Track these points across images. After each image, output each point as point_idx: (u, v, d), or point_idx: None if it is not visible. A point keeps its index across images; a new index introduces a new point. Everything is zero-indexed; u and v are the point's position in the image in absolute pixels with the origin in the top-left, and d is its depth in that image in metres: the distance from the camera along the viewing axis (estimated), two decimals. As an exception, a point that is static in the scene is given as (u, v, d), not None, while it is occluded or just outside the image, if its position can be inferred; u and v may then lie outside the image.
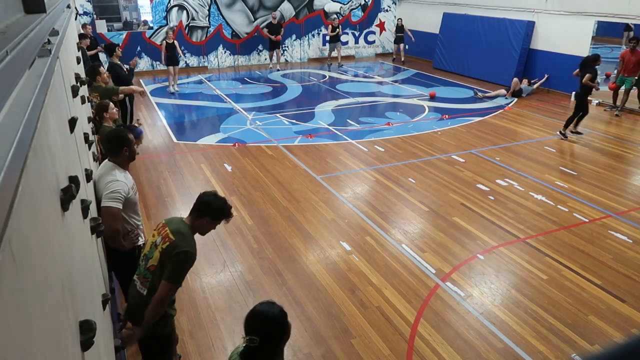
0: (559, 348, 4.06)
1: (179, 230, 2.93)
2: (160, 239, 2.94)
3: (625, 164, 8.22)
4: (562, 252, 5.46)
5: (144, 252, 3.06)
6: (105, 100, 5.37)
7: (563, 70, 12.58)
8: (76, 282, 1.64)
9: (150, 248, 2.99)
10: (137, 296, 2.98)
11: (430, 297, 4.71)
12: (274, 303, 2.26)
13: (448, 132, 9.74)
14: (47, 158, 1.45)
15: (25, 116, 0.99)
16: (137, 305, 2.97)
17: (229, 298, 4.76)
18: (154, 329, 2.93)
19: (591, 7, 11.59)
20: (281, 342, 2.20)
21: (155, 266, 2.90)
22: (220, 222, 3.02)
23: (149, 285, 2.93)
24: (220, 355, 4.02)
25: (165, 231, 2.95)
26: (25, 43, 1.27)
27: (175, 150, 8.81)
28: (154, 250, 2.95)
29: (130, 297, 3.09)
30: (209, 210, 2.96)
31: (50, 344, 1.07)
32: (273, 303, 2.26)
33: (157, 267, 2.89)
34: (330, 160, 8.22)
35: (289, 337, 2.23)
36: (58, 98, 2.17)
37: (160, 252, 2.89)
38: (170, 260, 2.85)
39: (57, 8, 2.91)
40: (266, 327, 2.14)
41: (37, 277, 1.04)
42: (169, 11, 15.41)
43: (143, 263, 3.02)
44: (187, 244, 2.89)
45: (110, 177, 3.36)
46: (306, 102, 12.29)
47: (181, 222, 3.01)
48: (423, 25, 17.13)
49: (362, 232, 5.92)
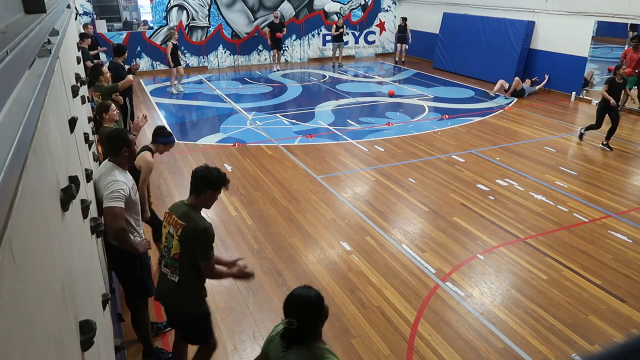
0: (559, 348, 4.06)
1: (185, 213, 3.05)
2: (172, 228, 3.08)
3: (625, 164, 8.22)
4: (562, 252, 5.46)
5: (164, 244, 3.21)
6: (107, 101, 5.37)
7: (563, 71, 12.59)
8: (76, 282, 1.64)
9: (167, 238, 3.14)
10: (170, 284, 3.16)
11: (430, 297, 4.71)
12: (311, 287, 2.33)
13: (448, 132, 9.74)
14: (47, 158, 1.45)
15: (25, 116, 0.99)
16: (171, 292, 3.18)
17: (229, 298, 4.76)
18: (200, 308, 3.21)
19: (591, 7, 11.59)
20: (318, 324, 2.27)
21: (179, 253, 3.06)
22: (221, 192, 3.12)
23: (178, 272, 3.11)
24: (220, 355, 4.02)
25: (173, 219, 3.08)
26: (25, 43, 1.27)
27: (175, 150, 8.80)
28: (171, 239, 3.09)
29: (163, 286, 3.25)
30: (208, 183, 3.05)
31: (50, 344, 1.07)
32: (310, 287, 2.33)
33: (181, 253, 3.06)
34: (330, 160, 8.22)
35: (327, 318, 2.31)
36: (58, 98, 2.17)
37: (177, 240, 3.04)
38: (193, 242, 3.01)
39: (57, 8, 2.91)
40: (303, 311, 2.22)
41: (37, 277, 1.04)
42: (169, 11, 15.41)
43: (166, 254, 3.17)
44: (199, 223, 3.02)
45: (110, 177, 3.36)
46: (306, 102, 12.30)
47: (183, 205, 3.12)
48: (423, 25, 17.13)
49: (362, 232, 5.92)
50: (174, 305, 3.26)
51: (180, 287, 3.12)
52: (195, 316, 3.25)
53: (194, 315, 3.25)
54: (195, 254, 3.04)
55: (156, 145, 4.57)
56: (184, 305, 3.22)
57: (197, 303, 3.21)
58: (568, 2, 12.14)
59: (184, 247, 3.03)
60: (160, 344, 4.12)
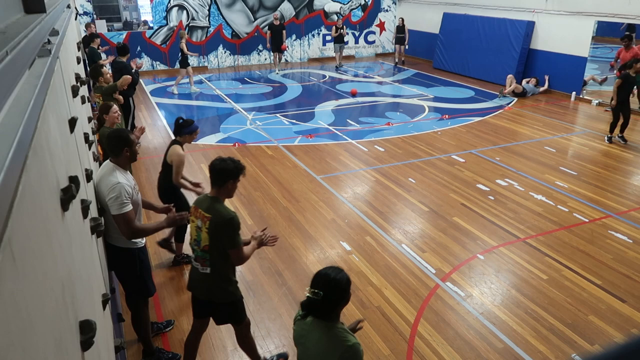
0: (559, 348, 4.06)
1: (211, 206, 3.20)
2: (200, 222, 3.23)
3: (625, 164, 8.22)
4: (562, 252, 5.46)
5: (193, 237, 3.33)
6: (109, 102, 5.36)
7: (563, 71, 12.58)
8: (76, 282, 1.64)
9: (196, 231, 3.28)
10: (202, 275, 3.32)
11: (430, 297, 4.71)
12: (342, 270, 2.43)
13: (448, 132, 9.74)
14: (47, 158, 1.45)
15: (25, 116, 0.99)
16: (203, 283, 3.34)
17: (229, 298, 4.76)
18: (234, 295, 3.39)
19: (591, 7, 11.59)
20: (341, 303, 2.38)
21: (209, 245, 3.21)
22: (239, 179, 3.27)
23: (209, 263, 3.26)
24: (220, 355, 4.02)
25: (200, 213, 3.23)
26: (25, 43, 1.27)
27: (175, 150, 8.80)
28: (200, 232, 3.24)
29: (195, 278, 3.40)
30: (227, 174, 3.19)
31: (50, 344, 1.07)
32: (341, 270, 2.43)
33: (210, 245, 3.21)
34: (330, 160, 8.22)
35: (348, 303, 2.42)
36: (58, 98, 2.17)
37: (206, 232, 3.18)
38: (220, 233, 3.16)
39: (57, 8, 2.91)
40: (328, 288, 2.32)
41: (37, 277, 1.04)
42: (169, 11, 15.42)
43: (196, 247, 3.30)
44: (224, 214, 3.16)
45: (112, 178, 3.36)
46: (306, 102, 12.30)
47: (207, 198, 3.27)
48: (423, 25, 17.13)
49: (362, 232, 5.92)
50: (209, 296, 3.38)
51: (213, 278, 3.28)
52: (231, 303, 3.42)
53: (229, 302, 3.41)
54: (223, 243, 3.18)
55: (183, 137, 4.79)
56: (219, 296, 3.36)
57: (231, 291, 3.37)
58: (568, 2, 12.14)
59: (213, 238, 3.18)
60: (160, 344, 4.12)
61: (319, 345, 2.37)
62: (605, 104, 11.52)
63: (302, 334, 2.46)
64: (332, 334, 2.35)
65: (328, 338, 2.36)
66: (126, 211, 3.34)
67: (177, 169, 4.72)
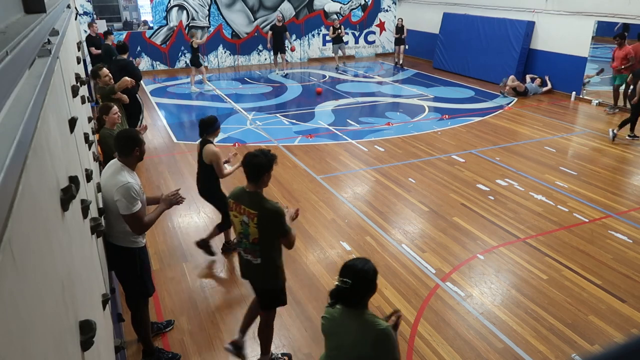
0: (559, 348, 4.06)
1: (254, 201, 3.32)
2: (246, 218, 3.34)
3: (625, 164, 8.22)
4: (562, 252, 5.46)
5: (239, 231, 3.44)
6: (109, 103, 5.34)
7: (563, 71, 12.58)
8: (76, 282, 1.64)
9: (242, 226, 3.39)
10: (254, 266, 3.48)
11: (430, 297, 4.71)
12: (369, 261, 2.54)
13: (448, 132, 9.74)
14: (47, 158, 1.44)
15: (25, 116, 0.99)
16: (257, 273, 3.53)
17: (229, 298, 4.76)
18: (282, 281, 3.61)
19: (591, 7, 11.59)
20: (368, 293, 2.51)
21: (258, 238, 3.35)
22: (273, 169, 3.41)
23: (260, 254, 3.42)
24: (220, 355, 4.02)
25: (243, 209, 3.35)
26: (25, 43, 1.27)
27: (175, 150, 8.81)
28: (247, 227, 3.36)
29: (247, 269, 3.58)
30: (263, 168, 3.32)
31: (50, 344, 1.07)
32: (369, 261, 2.54)
33: (260, 237, 3.35)
34: (330, 160, 8.22)
35: (374, 293, 2.54)
36: (58, 98, 2.17)
37: (255, 227, 3.32)
38: (270, 225, 3.31)
39: (57, 8, 2.91)
40: (358, 278, 2.43)
41: (37, 277, 1.04)
42: (169, 11, 15.42)
43: (245, 240, 3.43)
44: (269, 207, 3.30)
45: (120, 178, 3.36)
46: (306, 102, 12.30)
47: (246, 193, 3.37)
48: (423, 25, 17.13)
49: (362, 232, 5.92)
50: (262, 283, 3.60)
51: (264, 266, 3.46)
52: (273, 290, 3.62)
53: (277, 287, 3.62)
54: (275, 233, 3.36)
55: (211, 135, 5.00)
56: (271, 282, 3.57)
57: (280, 277, 3.58)
58: (568, 2, 12.14)
59: (263, 232, 3.32)
60: (160, 344, 4.12)
61: (351, 333, 2.49)
62: (606, 104, 11.54)
63: (332, 325, 2.57)
64: (363, 321, 2.47)
65: (360, 325, 2.47)
66: (137, 210, 3.38)
67: (219, 166, 4.94)
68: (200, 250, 5.35)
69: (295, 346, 4.09)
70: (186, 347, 4.10)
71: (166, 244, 5.70)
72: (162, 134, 9.75)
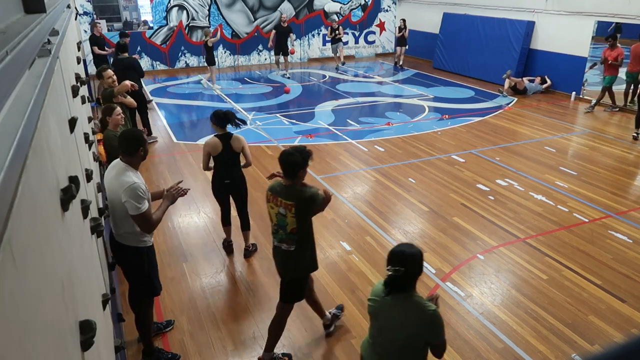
0: (559, 348, 4.06)
1: (293, 195, 3.48)
2: (283, 209, 3.50)
3: (625, 164, 8.22)
4: (562, 252, 5.46)
5: (275, 223, 3.60)
6: (112, 104, 5.33)
7: (563, 71, 12.58)
8: (76, 282, 1.64)
9: (278, 218, 3.56)
10: (287, 254, 3.63)
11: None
12: (413, 244, 2.67)
13: (448, 132, 9.74)
14: (47, 158, 1.45)
15: (25, 116, 0.99)
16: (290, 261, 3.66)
17: (229, 298, 4.76)
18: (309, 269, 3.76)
19: (591, 7, 11.59)
20: (417, 276, 2.63)
21: (296, 227, 3.52)
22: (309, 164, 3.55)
23: (296, 243, 3.58)
24: (220, 355, 4.02)
25: (281, 201, 3.50)
26: (25, 43, 1.27)
27: (175, 150, 8.81)
28: (285, 218, 3.51)
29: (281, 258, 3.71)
30: (298, 165, 3.46)
31: (50, 344, 1.07)
32: (412, 244, 2.67)
33: (298, 227, 3.52)
34: (330, 160, 8.22)
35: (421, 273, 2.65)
36: (58, 98, 2.17)
37: (292, 217, 3.48)
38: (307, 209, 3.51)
39: (57, 8, 2.91)
40: (409, 262, 2.55)
41: (37, 277, 1.04)
42: (169, 11, 15.42)
43: (281, 231, 3.58)
44: (304, 195, 3.48)
45: (126, 178, 3.36)
46: (306, 102, 12.30)
47: (284, 187, 3.52)
48: (423, 25, 17.13)
49: (362, 232, 5.92)
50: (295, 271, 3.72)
51: (298, 253, 3.60)
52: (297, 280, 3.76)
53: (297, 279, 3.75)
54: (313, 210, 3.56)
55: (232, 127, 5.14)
56: (302, 269, 3.72)
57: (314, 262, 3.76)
58: (568, 2, 12.14)
59: (300, 220, 3.49)
60: (160, 344, 4.12)
61: (400, 315, 2.61)
62: (606, 104, 11.53)
63: (380, 306, 2.67)
64: (412, 303, 2.60)
65: (408, 307, 2.60)
66: (145, 210, 3.38)
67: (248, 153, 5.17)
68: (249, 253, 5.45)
69: (295, 346, 4.09)
70: (186, 347, 4.10)
71: (166, 244, 5.70)
72: (162, 133, 9.75)
